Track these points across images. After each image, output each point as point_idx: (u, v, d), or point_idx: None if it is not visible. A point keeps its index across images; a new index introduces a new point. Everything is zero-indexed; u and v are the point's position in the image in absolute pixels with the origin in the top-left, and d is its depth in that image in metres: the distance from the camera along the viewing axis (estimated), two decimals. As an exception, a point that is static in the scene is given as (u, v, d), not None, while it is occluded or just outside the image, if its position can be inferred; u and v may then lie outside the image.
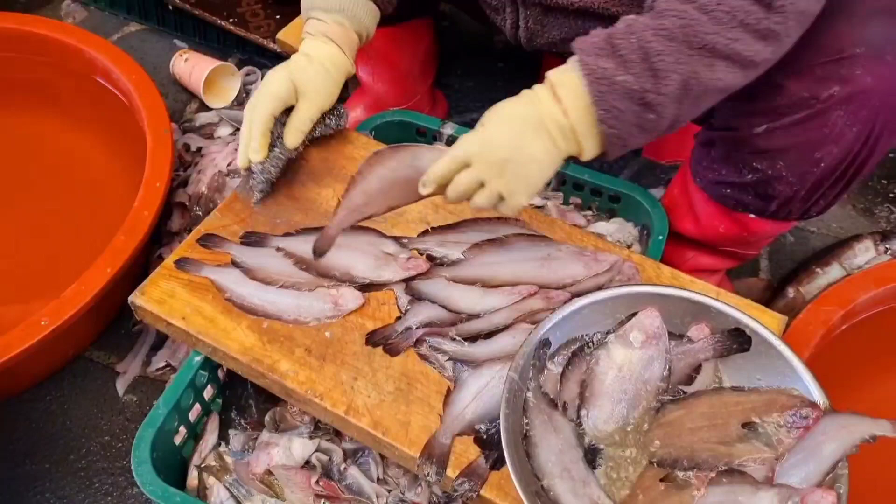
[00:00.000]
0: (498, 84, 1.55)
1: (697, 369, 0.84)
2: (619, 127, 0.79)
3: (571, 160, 0.85)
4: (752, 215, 1.03)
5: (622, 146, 0.82)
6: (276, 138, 0.98)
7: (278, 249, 0.97)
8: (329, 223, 0.94)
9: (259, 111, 0.95)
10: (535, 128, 0.81)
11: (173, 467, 0.94)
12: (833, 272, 1.25)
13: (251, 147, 0.96)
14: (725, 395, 0.82)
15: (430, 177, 0.85)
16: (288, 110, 0.98)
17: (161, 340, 1.17)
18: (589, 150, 0.83)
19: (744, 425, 0.78)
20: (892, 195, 1.42)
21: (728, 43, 0.75)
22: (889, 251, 1.27)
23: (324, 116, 1.02)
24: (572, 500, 0.75)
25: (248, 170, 0.98)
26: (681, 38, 0.75)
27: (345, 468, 0.93)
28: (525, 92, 0.83)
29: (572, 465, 0.78)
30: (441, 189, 0.85)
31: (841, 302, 1.01)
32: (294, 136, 0.98)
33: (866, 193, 1.43)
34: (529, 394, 0.81)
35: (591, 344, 0.86)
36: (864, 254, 1.27)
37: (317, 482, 0.91)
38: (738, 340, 0.83)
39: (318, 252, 0.94)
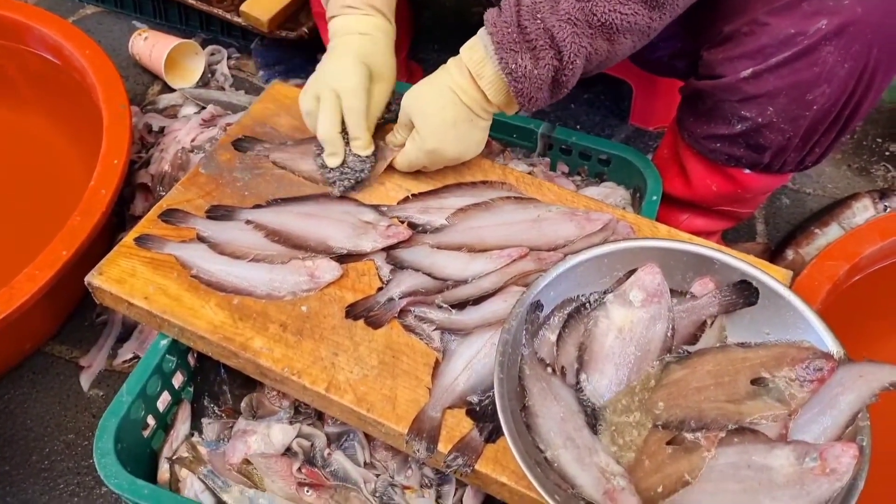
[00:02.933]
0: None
1: (702, 327, 0.79)
2: (537, 105, 0.85)
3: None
4: (745, 170, 0.98)
5: (537, 106, 0.87)
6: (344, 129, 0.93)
7: (248, 222, 0.91)
8: None
9: (356, 107, 0.91)
10: (469, 122, 0.89)
11: (142, 461, 0.87)
12: (832, 232, 1.21)
13: (357, 145, 0.93)
14: (732, 352, 0.76)
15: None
16: None
17: (128, 331, 1.10)
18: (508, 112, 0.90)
19: (753, 382, 0.73)
20: (887, 153, 1.38)
21: (624, 18, 0.78)
22: (888, 209, 1.23)
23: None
24: (579, 470, 0.69)
25: (339, 167, 0.94)
26: (581, 19, 0.78)
27: (329, 454, 0.87)
28: (444, 81, 0.87)
29: (576, 432, 0.72)
30: None
31: (846, 256, 0.96)
32: (374, 124, 0.95)
33: (861, 153, 1.39)
34: (525, 362, 0.75)
35: (587, 304, 0.80)
36: (863, 213, 1.23)
37: (299, 469, 0.84)
38: (744, 294, 0.78)
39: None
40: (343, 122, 0.92)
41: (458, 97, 0.86)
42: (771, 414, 0.70)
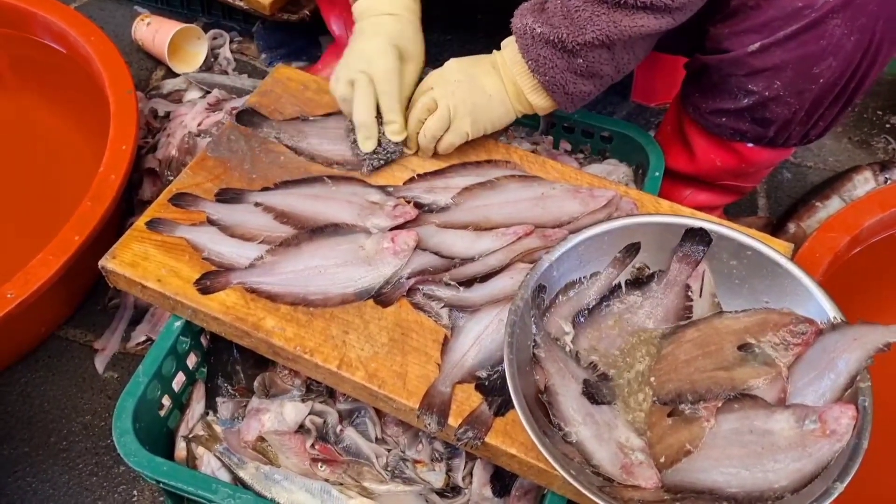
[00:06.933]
0: (478, 36, 1.50)
1: (688, 297, 0.81)
2: (550, 73, 0.87)
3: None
4: (749, 144, 0.99)
5: (565, 94, 0.89)
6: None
7: (257, 204, 0.92)
8: None
9: (389, 91, 0.91)
10: (487, 70, 0.92)
11: (159, 440, 0.89)
12: (833, 205, 1.22)
13: (392, 129, 0.93)
14: (715, 321, 0.78)
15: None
16: None
17: (140, 314, 1.12)
18: (539, 104, 0.91)
19: (739, 348, 0.75)
20: (888, 126, 1.39)
21: None
22: (889, 181, 1.24)
23: None
24: (597, 446, 0.71)
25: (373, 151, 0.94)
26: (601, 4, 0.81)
27: (341, 430, 0.89)
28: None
29: (595, 409, 0.73)
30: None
31: (847, 228, 0.97)
32: (405, 105, 0.95)
33: (862, 125, 1.39)
34: (538, 346, 0.76)
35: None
36: (864, 185, 1.23)
37: (312, 446, 0.86)
38: (696, 239, 0.80)
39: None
40: (377, 106, 0.92)
41: (485, 56, 0.93)
42: (762, 378, 0.72)
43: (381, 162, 0.95)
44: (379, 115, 0.93)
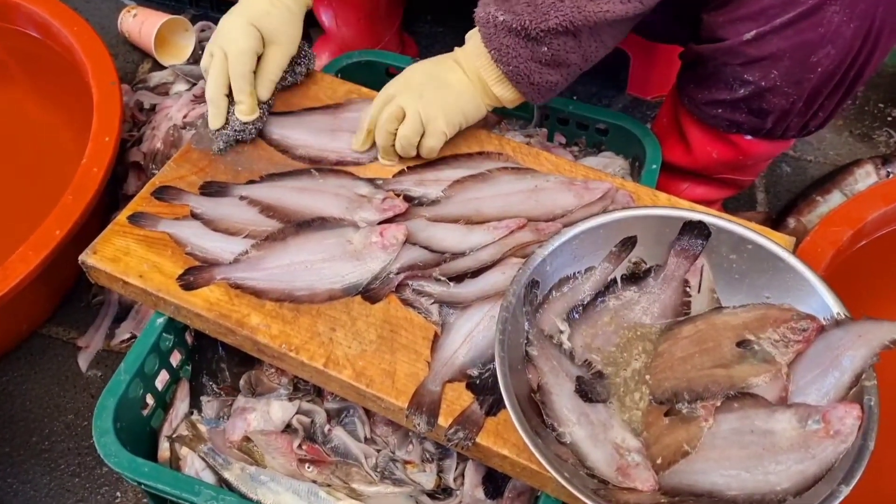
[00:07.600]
0: (469, 28, 1.47)
1: (686, 293, 0.78)
2: (514, 63, 0.84)
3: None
4: (746, 136, 0.97)
5: (531, 84, 0.86)
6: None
7: (242, 198, 0.89)
8: None
9: (240, 71, 0.89)
10: (450, 66, 0.89)
11: (142, 439, 0.87)
12: (834, 199, 1.20)
13: (241, 109, 0.91)
14: (712, 317, 0.76)
15: (361, 125, 0.92)
16: None
17: (125, 311, 1.10)
18: (504, 96, 0.88)
19: (738, 344, 0.72)
20: (889, 119, 1.37)
21: None
22: (891, 175, 1.22)
23: (293, 62, 0.96)
24: (592, 447, 0.68)
25: (221, 128, 0.93)
26: None
27: (329, 430, 0.86)
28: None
29: (590, 408, 0.71)
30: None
31: (850, 221, 0.95)
32: (267, 88, 0.94)
33: (863, 118, 1.37)
34: (531, 344, 0.73)
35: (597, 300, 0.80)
36: (865, 179, 1.21)
37: (299, 446, 0.84)
38: (694, 233, 0.78)
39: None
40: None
41: (447, 55, 0.91)
42: (761, 376, 0.70)
43: (230, 142, 0.93)
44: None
